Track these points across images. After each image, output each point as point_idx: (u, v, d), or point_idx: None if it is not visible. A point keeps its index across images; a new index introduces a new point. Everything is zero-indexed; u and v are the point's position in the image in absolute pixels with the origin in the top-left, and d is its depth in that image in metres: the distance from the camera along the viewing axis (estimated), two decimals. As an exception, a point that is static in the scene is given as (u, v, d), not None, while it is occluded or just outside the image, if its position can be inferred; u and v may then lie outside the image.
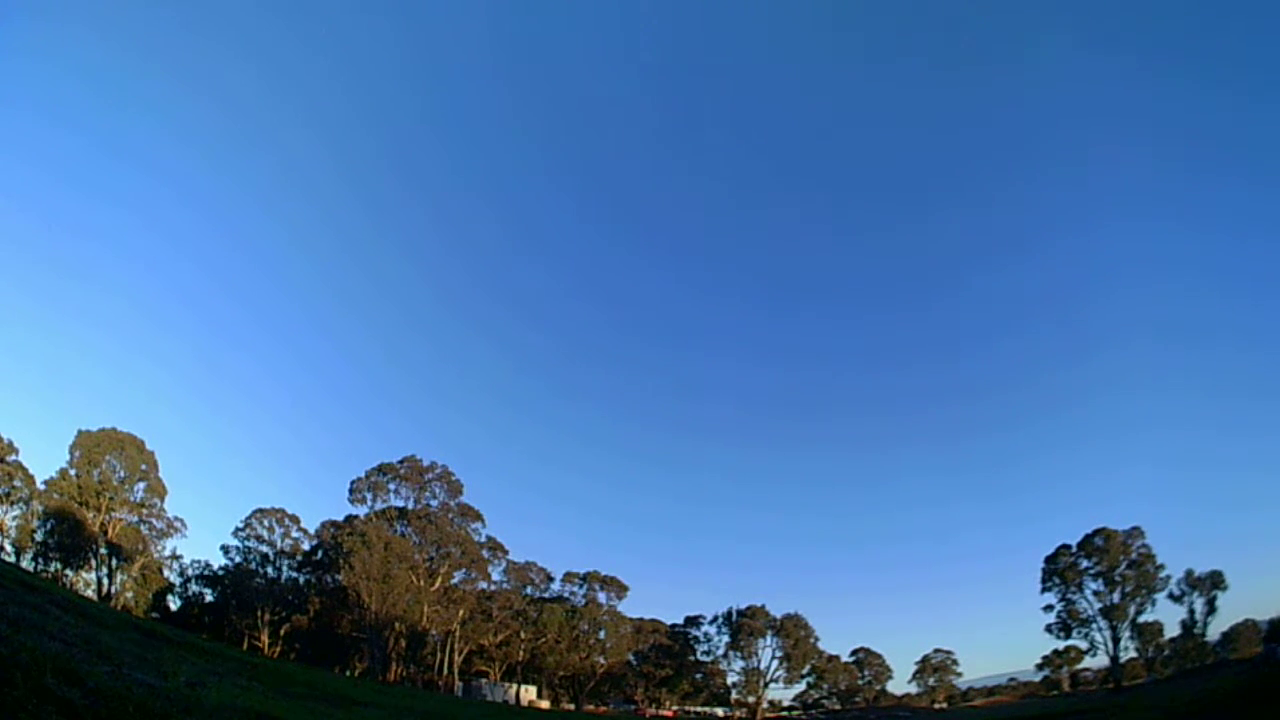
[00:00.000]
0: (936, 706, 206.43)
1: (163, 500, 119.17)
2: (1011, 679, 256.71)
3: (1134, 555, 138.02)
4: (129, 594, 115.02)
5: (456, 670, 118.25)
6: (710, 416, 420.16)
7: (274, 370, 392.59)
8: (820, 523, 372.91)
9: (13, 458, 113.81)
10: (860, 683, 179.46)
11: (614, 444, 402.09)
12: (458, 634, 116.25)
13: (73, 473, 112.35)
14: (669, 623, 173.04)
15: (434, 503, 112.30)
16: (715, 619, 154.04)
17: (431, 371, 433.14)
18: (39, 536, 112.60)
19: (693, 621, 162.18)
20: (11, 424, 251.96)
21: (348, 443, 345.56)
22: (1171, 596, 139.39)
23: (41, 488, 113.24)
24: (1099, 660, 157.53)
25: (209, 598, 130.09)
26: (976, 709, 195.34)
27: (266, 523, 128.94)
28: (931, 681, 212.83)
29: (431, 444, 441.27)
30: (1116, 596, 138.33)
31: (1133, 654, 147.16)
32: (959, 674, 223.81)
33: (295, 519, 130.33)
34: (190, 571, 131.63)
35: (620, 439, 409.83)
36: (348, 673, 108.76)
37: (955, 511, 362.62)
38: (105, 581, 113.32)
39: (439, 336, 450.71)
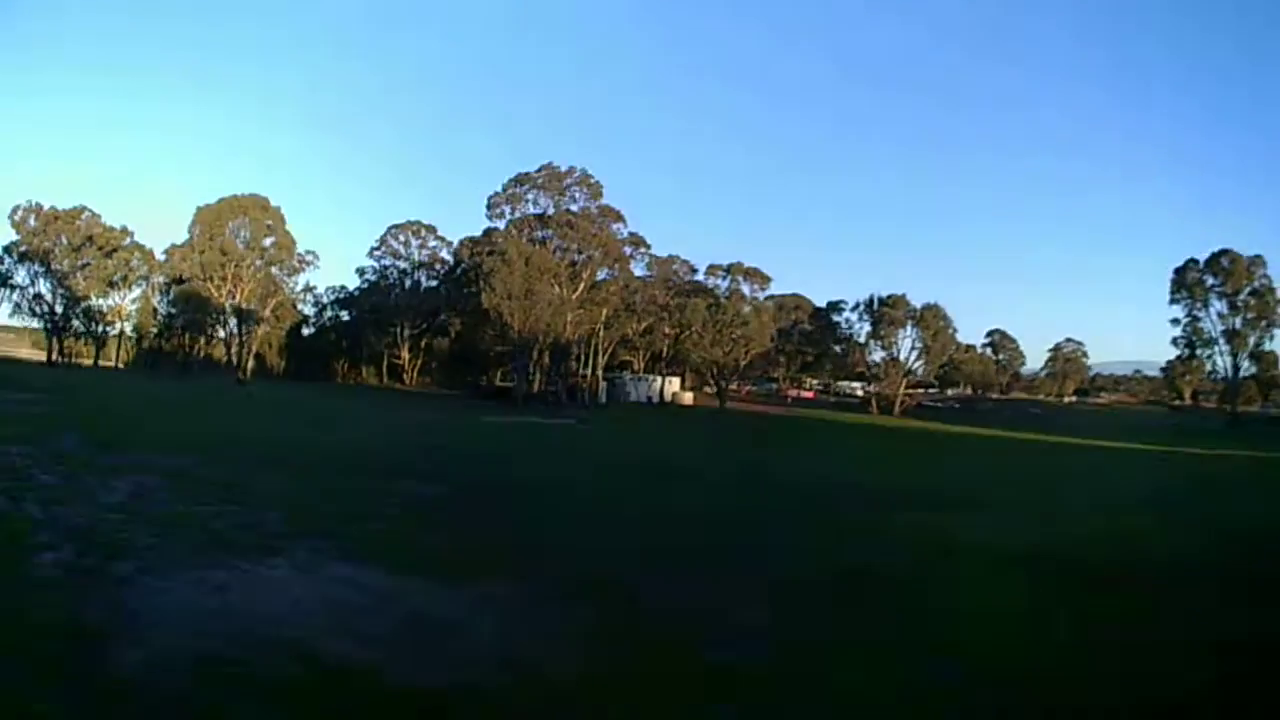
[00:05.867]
0: (1066, 400, 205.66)
1: (291, 251, 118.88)
2: (1137, 370, 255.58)
3: (1256, 284, 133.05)
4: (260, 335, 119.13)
5: (600, 371, 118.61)
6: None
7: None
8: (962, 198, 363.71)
9: (129, 240, 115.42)
10: (995, 367, 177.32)
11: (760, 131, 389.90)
12: (601, 335, 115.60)
13: (196, 253, 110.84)
14: (812, 301, 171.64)
15: (574, 207, 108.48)
16: (857, 306, 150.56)
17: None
18: (161, 311, 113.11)
19: (834, 307, 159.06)
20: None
21: (484, 156, 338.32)
22: None
23: (162, 258, 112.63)
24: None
25: (345, 317, 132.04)
26: (1103, 409, 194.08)
27: (402, 237, 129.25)
28: (1062, 367, 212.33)
29: (570, 145, 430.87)
30: (1238, 322, 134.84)
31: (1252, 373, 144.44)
32: (1088, 366, 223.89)
33: (432, 229, 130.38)
34: (325, 299, 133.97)
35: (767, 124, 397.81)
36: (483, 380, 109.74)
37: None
38: (237, 346, 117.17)
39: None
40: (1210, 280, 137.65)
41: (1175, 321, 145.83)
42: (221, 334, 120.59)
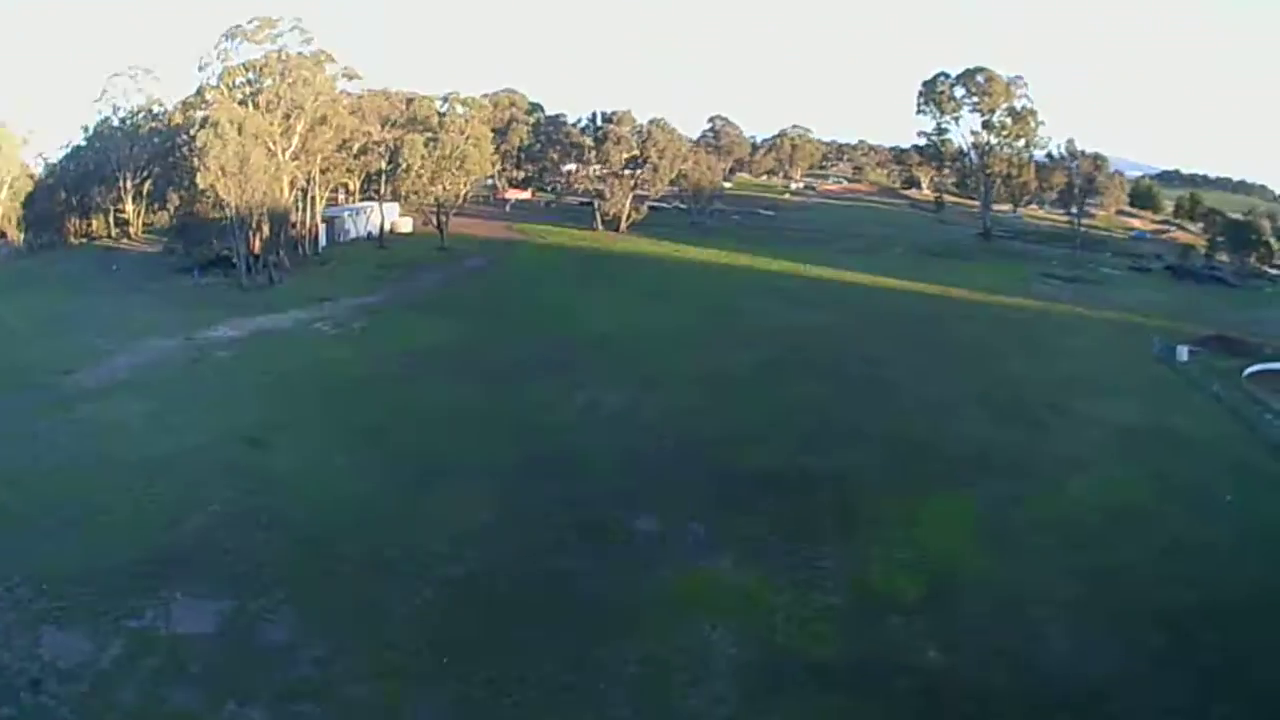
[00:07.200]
0: (795, 187, 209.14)
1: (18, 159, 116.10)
2: (862, 140, 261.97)
3: (1016, 103, 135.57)
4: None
5: (319, 217, 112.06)
6: None
7: None
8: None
9: None
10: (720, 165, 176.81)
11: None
12: (318, 181, 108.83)
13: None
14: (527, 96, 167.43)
15: (290, 52, 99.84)
16: (579, 122, 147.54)
17: None
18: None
19: (555, 122, 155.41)
20: None
21: None
22: (1050, 157, 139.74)
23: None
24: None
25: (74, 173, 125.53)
26: (837, 201, 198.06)
27: (120, 85, 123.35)
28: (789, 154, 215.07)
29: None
30: (993, 140, 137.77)
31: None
32: (811, 141, 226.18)
33: (148, 71, 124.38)
34: (55, 160, 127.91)
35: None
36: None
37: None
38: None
39: None
40: (961, 93, 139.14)
41: (923, 134, 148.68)
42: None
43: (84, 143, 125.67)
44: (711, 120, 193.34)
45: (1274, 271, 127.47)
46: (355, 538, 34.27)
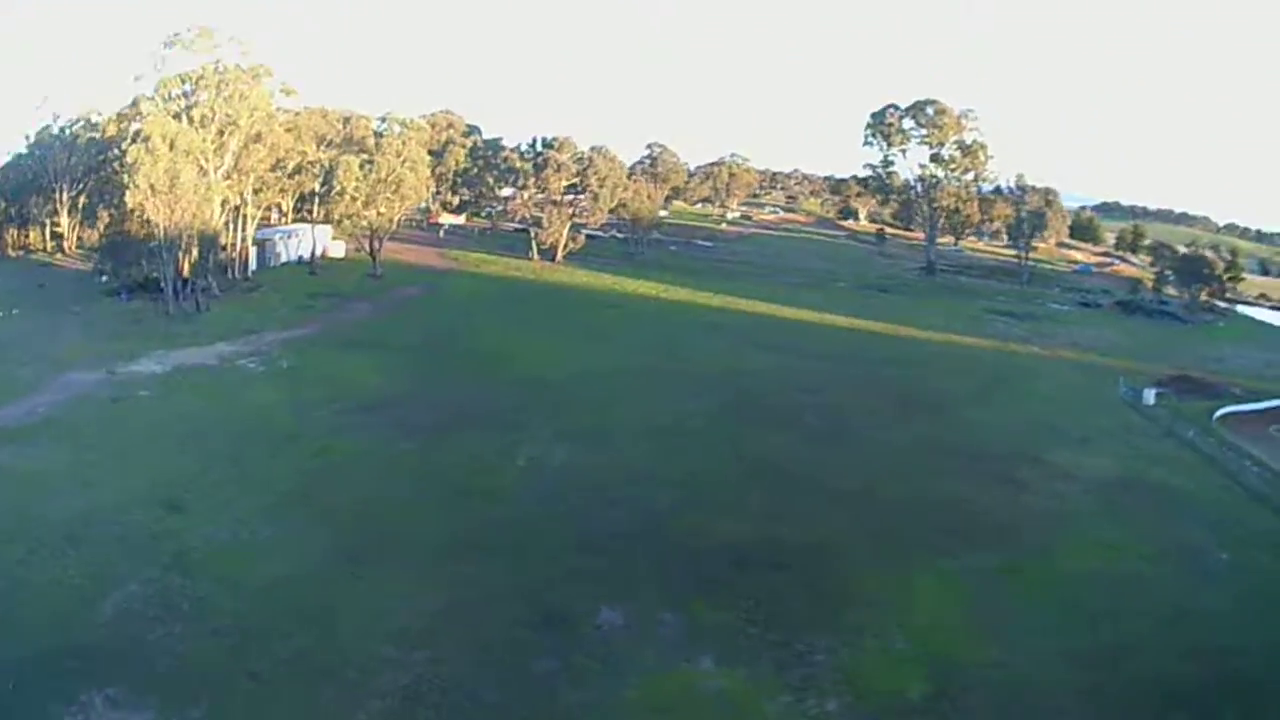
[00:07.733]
0: (731, 217, 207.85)
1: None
2: (796, 169, 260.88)
3: (966, 138, 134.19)
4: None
5: (250, 240, 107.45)
6: None
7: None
8: None
9: None
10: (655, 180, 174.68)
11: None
12: (250, 201, 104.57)
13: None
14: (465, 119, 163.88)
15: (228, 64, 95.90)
16: (518, 147, 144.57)
17: None
18: None
19: (493, 145, 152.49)
20: None
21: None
22: (998, 192, 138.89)
23: None
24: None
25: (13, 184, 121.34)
26: (774, 231, 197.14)
27: (62, 91, 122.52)
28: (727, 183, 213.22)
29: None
30: (941, 174, 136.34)
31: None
32: (748, 170, 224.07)
33: (87, 75, 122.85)
34: None
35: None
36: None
37: None
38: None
39: None
40: (910, 125, 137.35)
41: (869, 166, 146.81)
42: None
43: (25, 150, 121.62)
44: (650, 146, 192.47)
45: (1223, 305, 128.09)
46: (285, 633, 30.23)
